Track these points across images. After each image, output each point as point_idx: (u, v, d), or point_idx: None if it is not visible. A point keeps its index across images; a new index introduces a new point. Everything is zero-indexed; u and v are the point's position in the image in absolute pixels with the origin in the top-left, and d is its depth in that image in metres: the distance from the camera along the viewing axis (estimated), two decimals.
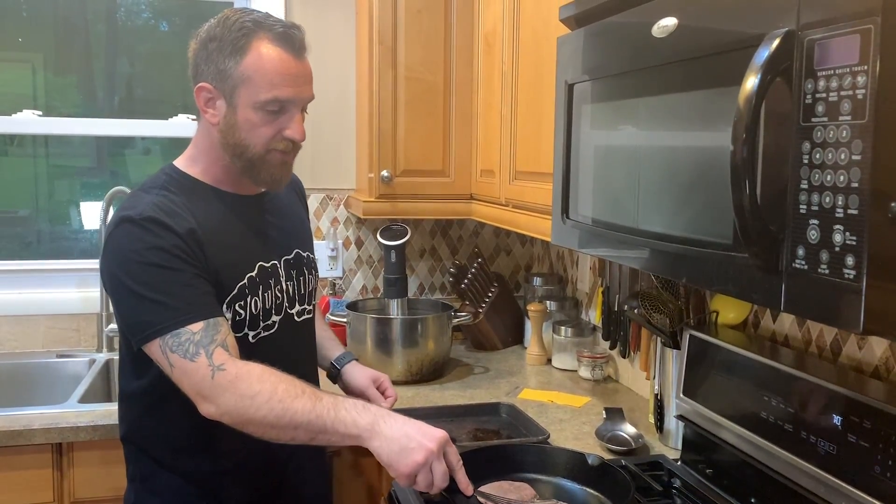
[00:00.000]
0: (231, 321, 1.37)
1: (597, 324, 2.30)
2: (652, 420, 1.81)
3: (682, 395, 1.59)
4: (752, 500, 1.39)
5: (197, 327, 1.27)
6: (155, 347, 1.28)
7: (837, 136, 0.78)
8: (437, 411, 1.89)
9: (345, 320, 2.26)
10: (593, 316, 2.35)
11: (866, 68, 0.75)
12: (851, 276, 0.77)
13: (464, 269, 2.57)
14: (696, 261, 1.04)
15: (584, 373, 2.23)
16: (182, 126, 2.53)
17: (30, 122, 2.47)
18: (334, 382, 1.72)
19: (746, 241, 0.88)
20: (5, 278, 2.44)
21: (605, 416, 1.80)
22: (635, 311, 1.76)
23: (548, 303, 2.43)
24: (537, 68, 1.81)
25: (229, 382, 1.25)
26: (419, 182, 2.33)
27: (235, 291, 1.39)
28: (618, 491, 1.38)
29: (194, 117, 1.64)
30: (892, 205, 0.74)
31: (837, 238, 0.78)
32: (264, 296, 1.44)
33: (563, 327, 2.32)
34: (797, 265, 0.84)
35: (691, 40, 1.04)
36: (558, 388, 2.16)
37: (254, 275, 1.43)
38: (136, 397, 1.44)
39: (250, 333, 1.42)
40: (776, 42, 0.84)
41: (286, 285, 1.50)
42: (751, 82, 0.84)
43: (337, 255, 2.66)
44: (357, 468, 1.96)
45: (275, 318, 1.47)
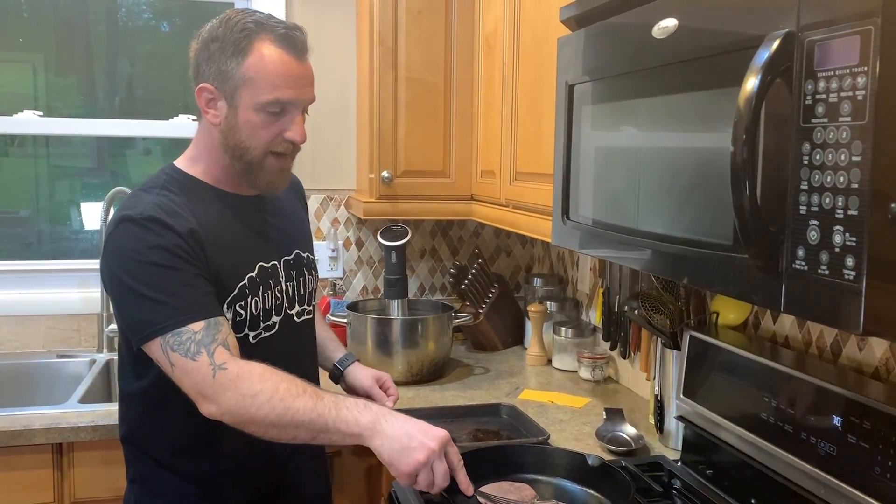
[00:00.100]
0: (231, 321, 1.37)
1: (597, 324, 2.30)
2: (652, 421, 1.81)
3: (682, 395, 1.59)
4: (752, 500, 1.39)
5: (198, 326, 1.27)
6: (156, 347, 1.28)
7: (837, 137, 0.78)
8: (437, 412, 1.89)
9: (345, 321, 2.26)
10: (593, 317, 2.36)
11: (866, 69, 0.75)
12: (851, 277, 0.77)
13: (464, 270, 2.57)
14: (696, 262, 1.04)
15: (585, 373, 2.23)
16: (182, 127, 2.53)
17: (30, 122, 2.47)
18: (337, 383, 1.72)
19: (746, 241, 0.88)
20: (6, 278, 2.44)
21: (605, 416, 1.81)
22: (635, 311, 1.77)
23: (548, 303, 2.43)
24: (538, 69, 1.81)
25: (230, 381, 1.25)
26: (419, 183, 2.33)
27: (236, 292, 1.39)
28: (618, 492, 1.38)
29: (195, 118, 1.64)
30: (892, 206, 0.74)
31: (837, 239, 0.78)
32: (264, 296, 1.44)
33: (563, 328, 2.32)
34: (797, 266, 0.84)
35: (692, 41, 1.04)
36: (558, 388, 2.16)
37: (254, 275, 1.43)
38: (136, 398, 1.44)
39: (251, 334, 1.42)
40: (776, 43, 0.84)
41: (286, 286, 1.50)
42: (751, 83, 0.84)
43: (337, 256, 2.66)
44: (357, 468, 1.96)
45: (275, 318, 1.47)
